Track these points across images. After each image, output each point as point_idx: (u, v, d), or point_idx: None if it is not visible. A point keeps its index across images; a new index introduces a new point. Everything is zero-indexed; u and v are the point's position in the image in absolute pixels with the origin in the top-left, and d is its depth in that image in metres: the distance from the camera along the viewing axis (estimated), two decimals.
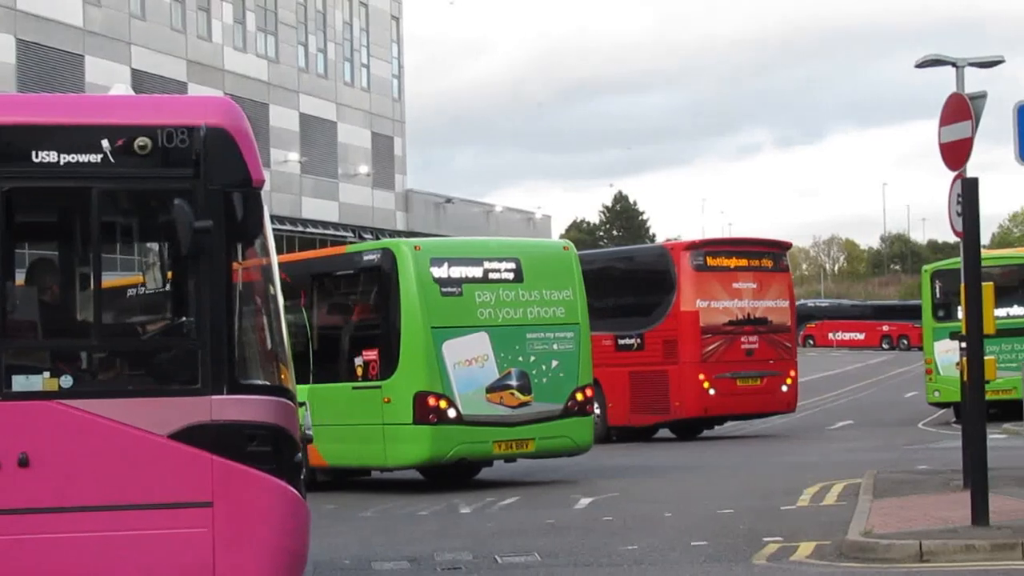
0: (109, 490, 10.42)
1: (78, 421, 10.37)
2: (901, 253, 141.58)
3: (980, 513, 14.77)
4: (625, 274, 34.60)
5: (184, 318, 10.83)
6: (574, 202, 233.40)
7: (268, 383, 10.94)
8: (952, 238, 18.23)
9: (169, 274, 11.15)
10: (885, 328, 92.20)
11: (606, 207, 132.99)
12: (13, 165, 10.47)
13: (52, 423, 10.36)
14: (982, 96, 17.75)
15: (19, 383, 10.38)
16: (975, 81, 18.90)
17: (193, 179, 10.58)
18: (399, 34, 71.61)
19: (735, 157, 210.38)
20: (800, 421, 38.07)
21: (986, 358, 15.84)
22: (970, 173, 16.51)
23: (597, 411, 31.77)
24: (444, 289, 21.97)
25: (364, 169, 66.99)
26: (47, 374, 10.52)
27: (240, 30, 58.58)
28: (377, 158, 68.11)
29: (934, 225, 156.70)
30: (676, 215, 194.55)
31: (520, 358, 22.22)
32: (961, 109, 16.83)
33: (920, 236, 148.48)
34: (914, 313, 60.38)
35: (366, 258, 23.04)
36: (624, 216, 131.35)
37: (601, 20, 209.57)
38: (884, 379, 60.42)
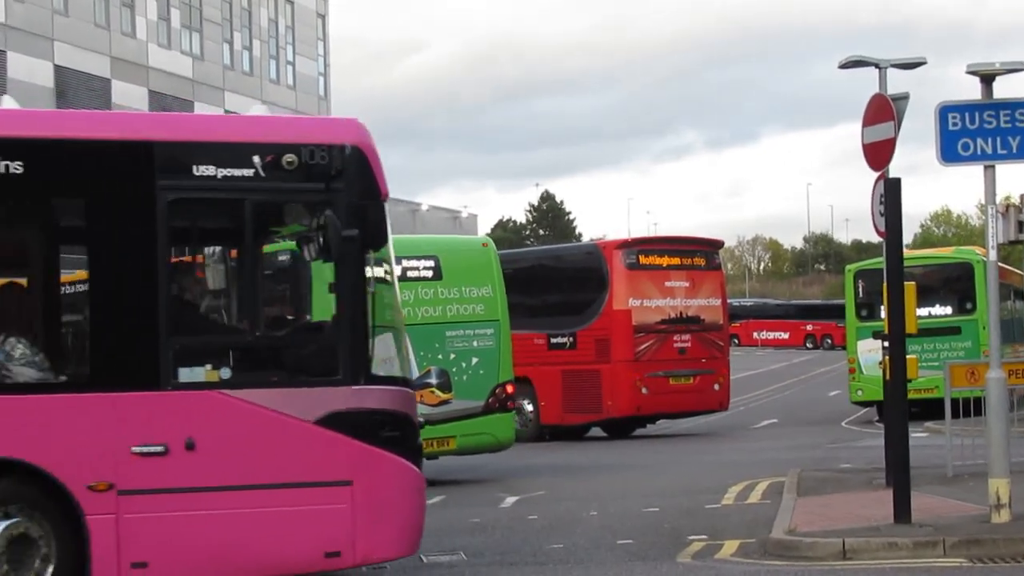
0: (263, 470, 11.79)
1: (236, 408, 11.74)
2: (825, 253, 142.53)
3: (902, 511, 14.90)
4: (557, 272, 34.58)
5: (327, 316, 12.28)
6: (506, 202, 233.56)
7: (395, 375, 12.42)
8: (875, 238, 18.38)
9: (329, 281, 12.26)
10: (809, 327, 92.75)
11: (532, 206, 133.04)
12: (176, 178, 11.74)
13: (214, 410, 11.71)
14: (904, 97, 17.90)
15: (184, 375, 11.70)
16: (902, 85, 19.06)
17: (337, 192, 12.02)
18: (325, 32, 71.32)
19: (665, 158, 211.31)
20: (725, 420, 38.26)
21: (908, 357, 15.98)
22: (893, 174, 16.64)
23: (530, 409, 31.86)
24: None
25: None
26: (209, 367, 11.81)
27: (165, 27, 58.11)
28: None
29: (857, 225, 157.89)
30: (603, 215, 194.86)
31: (440, 356, 22.15)
32: (884, 110, 16.97)
33: (844, 236, 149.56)
34: (837, 312, 60.62)
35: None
36: (550, 215, 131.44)
37: (536, 22, 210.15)
38: (808, 378, 60.83)
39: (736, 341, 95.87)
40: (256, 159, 11.94)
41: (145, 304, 11.75)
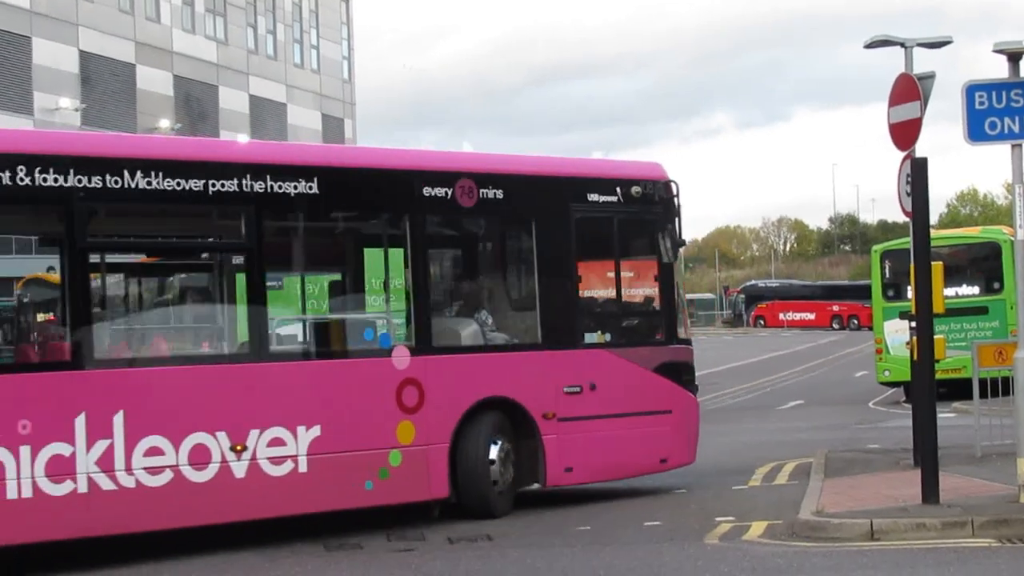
0: (628, 403, 17.50)
1: (615, 361, 17.50)
2: (851, 234, 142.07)
3: (930, 491, 14.85)
4: None
5: (658, 300, 18.19)
6: None
7: (687, 337, 18.48)
8: (901, 218, 18.29)
9: (654, 273, 18.13)
10: (835, 308, 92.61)
11: None
12: (578, 203, 17.27)
13: (604, 362, 17.37)
14: (930, 76, 17.80)
15: (588, 338, 17.35)
16: (933, 66, 18.97)
17: (665, 213, 17.98)
18: (349, 15, 71.28)
19: (695, 140, 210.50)
20: (751, 401, 38.23)
21: (935, 337, 15.91)
22: (921, 154, 16.55)
23: None
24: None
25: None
26: (599, 332, 17.57)
27: (189, 11, 58.16)
28: (327, 140, 67.78)
29: (883, 205, 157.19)
30: None
31: None
32: (910, 89, 16.87)
33: (870, 216, 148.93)
34: (864, 293, 60.57)
35: None
36: None
37: (569, 9, 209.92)
38: (834, 359, 60.65)
39: (762, 322, 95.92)
40: (618, 189, 17.55)
41: (568, 290, 17.21)
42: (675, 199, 18.07)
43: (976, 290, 33.84)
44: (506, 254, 17.99)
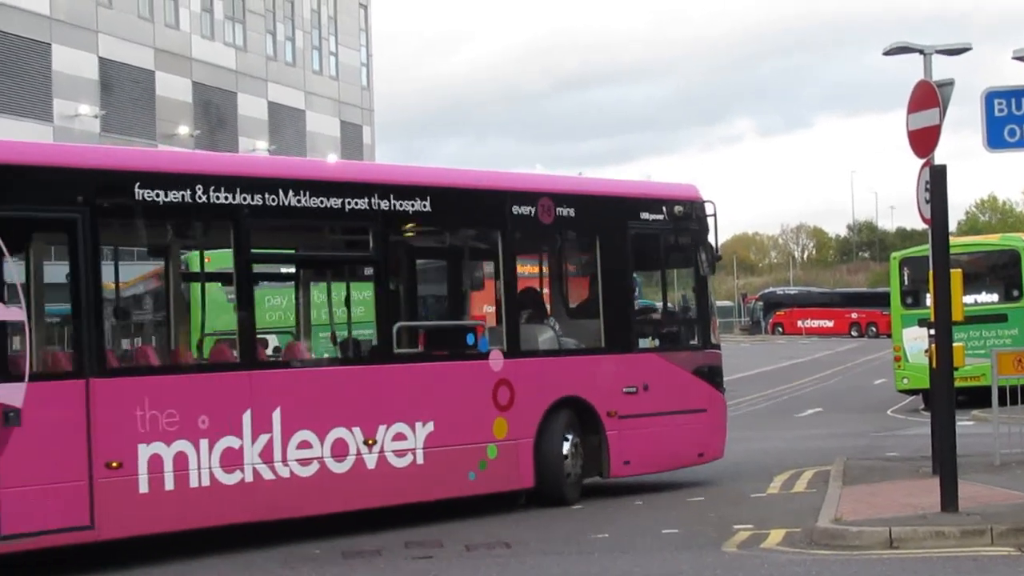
0: (673, 402, 19.15)
1: (662, 364, 19.20)
2: (869, 241, 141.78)
3: (949, 499, 14.80)
4: None
5: (695, 307, 20.08)
6: None
7: (717, 343, 20.26)
8: (920, 225, 18.25)
9: (691, 284, 20.12)
10: (854, 315, 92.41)
11: None
12: (634, 220, 19.07)
13: (654, 365, 19.10)
14: (949, 83, 17.76)
15: (641, 343, 19.14)
16: (954, 73, 18.95)
17: (702, 230, 19.79)
18: (368, 22, 71.36)
19: (717, 146, 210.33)
20: (769, 408, 38.18)
21: (954, 345, 15.86)
22: (940, 160, 16.49)
23: None
24: (230, 296, 22.79)
25: (333, 158, 66.42)
26: (650, 338, 19.41)
27: (208, 18, 58.28)
28: (346, 147, 67.94)
29: (902, 212, 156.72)
30: None
31: None
32: (928, 97, 16.80)
33: (888, 224, 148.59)
34: (883, 300, 60.28)
35: None
36: None
37: (593, 15, 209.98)
38: (853, 366, 60.51)
39: (780, 329, 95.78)
40: (664, 208, 19.41)
41: (627, 299, 19.08)
42: (710, 218, 19.84)
43: (995, 297, 33.74)
44: (574, 266, 20.19)
